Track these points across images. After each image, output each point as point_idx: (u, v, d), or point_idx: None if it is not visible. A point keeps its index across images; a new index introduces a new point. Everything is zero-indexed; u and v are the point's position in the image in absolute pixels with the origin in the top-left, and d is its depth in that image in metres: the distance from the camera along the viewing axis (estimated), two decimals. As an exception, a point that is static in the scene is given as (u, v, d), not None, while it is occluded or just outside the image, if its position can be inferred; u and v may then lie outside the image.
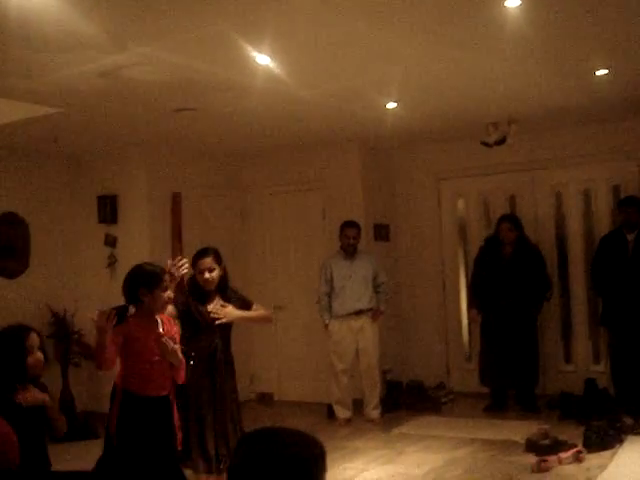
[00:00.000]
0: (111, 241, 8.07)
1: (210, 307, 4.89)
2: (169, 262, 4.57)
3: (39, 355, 3.76)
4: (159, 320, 4.34)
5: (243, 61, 4.87)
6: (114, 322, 4.05)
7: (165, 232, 8.02)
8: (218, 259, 5.02)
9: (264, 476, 1.73)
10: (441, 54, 5.01)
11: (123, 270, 7.86)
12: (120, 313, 4.19)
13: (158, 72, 5.08)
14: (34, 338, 3.76)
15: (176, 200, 8.13)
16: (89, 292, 8.07)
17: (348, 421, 7.43)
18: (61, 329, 7.71)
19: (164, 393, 4.31)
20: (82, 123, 6.61)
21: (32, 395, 3.63)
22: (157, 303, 4.27)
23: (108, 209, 8.05)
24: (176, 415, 4.41)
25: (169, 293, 4.36)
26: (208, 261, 4.94)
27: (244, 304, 5.10)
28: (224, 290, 5.02)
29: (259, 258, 8.95)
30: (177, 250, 8.08)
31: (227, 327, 4.99)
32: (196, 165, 8.37)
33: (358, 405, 7.54)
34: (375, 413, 7.46)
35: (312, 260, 8.34)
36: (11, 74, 5.01)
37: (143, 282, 4.26)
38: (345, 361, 7.47)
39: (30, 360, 3.68)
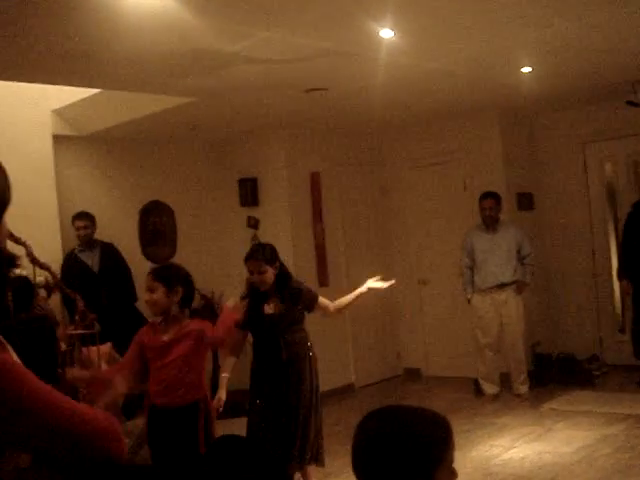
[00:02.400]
0: (253, 223, 8.24)
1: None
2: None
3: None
4: None
5: (367, 37, 4.81)
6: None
7: (306, 212, 8.11)
8: (269, 259, 4.76)
9: (386, 454, 1.74)
10: (576, 12, 4.74)
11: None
12: None
13: (285, 54, 5.10)
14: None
15: (315, 179, 8.18)
16: (235, 274, 8.28)
17: (495, 396, 7.28)
18: (210, 311, 7.94)
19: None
20: (218, 110, 6.76)
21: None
22: None
23: (249, 192, 8.22)
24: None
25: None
26: (255, 263, 4.74)
27: (307, 300, 4.85)
28: (282, 289, 4.79)
29: (401, 233, 8.89)
30: (319, 229, 8.16)
31: (293, 325, 4.80)
32: (334, 143, 8.39)
33: (506, 380, 7.37)
34: (523, 388, 7.26)
35: (455, 233, 8.19)
36: (146, 69, 5.18)
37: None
38: (489, 335, 7.31)
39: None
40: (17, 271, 5.78)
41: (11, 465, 1.47)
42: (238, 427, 4.72)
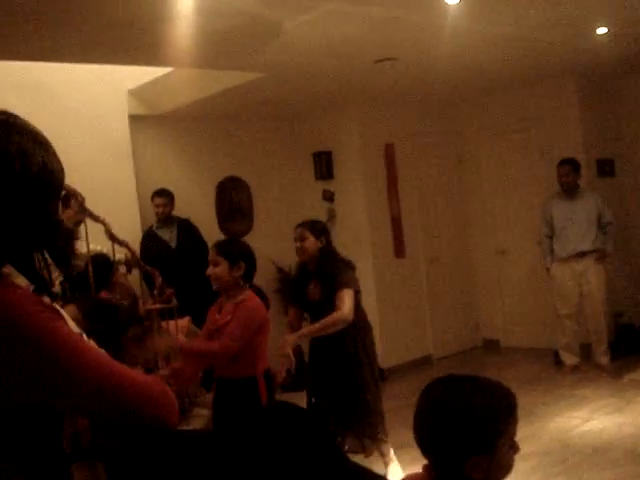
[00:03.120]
0: (329, 196, 8.27)
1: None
2: None
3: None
4: None
5: (433, 3, 4.74)
6: None
7: (381, 184, 8.08)
8: (314, 229, 4.75)
9: (447, 422, 1.77)
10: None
11: (343, 224, 8.14)
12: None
13: (350, 25, 5.07)
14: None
15: (389, 151, 8.14)
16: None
17: (575, 367, 7.15)
18: (286, 284, 8.02)
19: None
20: (288, 85, 6.77)
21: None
22: None
23: (324, 165, 8.23)
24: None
25: None
26: (299, 230, 4.77)
27: (337, 284, 4.64)
28: (322, 269, 4.69)
29: (478, 203, 8.77)
30: (394, 201, 8.12)
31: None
32: (407, 114, 8.31)
33: (586, 351, 7.23)
34: (604, 359, 7.09)
35: (533, 201, 8.04)
36: (214, 44, 5.23)
37: None
38: (569, 305, 7.17)
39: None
40: (97, 248, 5.98)
41: (70, 428, 1.52)
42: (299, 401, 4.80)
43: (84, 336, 1.53)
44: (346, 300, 4.51)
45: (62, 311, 1.56)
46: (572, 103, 7.81)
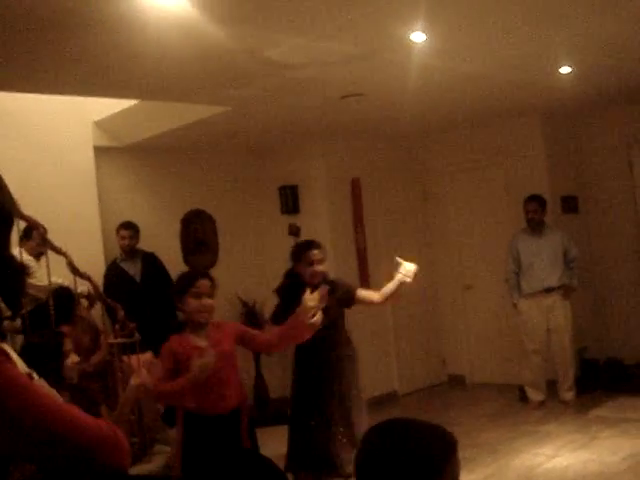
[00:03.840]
0: (295, 231, 8.23)
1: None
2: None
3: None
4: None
5: (398, 41, 4.76)
6: None
7: (347, 218, 8.09)
8: (325, 252, 4.90)
9: (384, 468, 1.73)
10: (614, 9, 4.63)
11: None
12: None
13: (316, 61, 5.09)
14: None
15: (355, 185, 8.15)
16: (277, 280, 8.28)
17: (541, 403, 7.14)
18: (252, 318, 7.96)
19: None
20: (254, 119, 6.77)
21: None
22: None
23: (289, 199, 8.22)
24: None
25: None
26: (318, 253, 4.82)
27: (343, 294, 4.84)
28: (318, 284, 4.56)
29: (443, 238, 8.80)
30: (360, 235, 8.13)
31: (335, 320, 4.75)
32: (373, 149, 8.35)
33: (552, 386, 7.22)
34: (569, 395, 7.10)
35: (498, 237, 8.07)
36: (182, 78, 5.22)
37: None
38: (536, 341, 7.18)
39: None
40: (59, 281, 5.89)
41: (17, 475, 1.47)
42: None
43: (34, 377, 1.48)
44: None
45: (10, 351, 1.50)
46: (537, 140, 7.90)
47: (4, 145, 6.26)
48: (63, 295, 5.68)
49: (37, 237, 5.79)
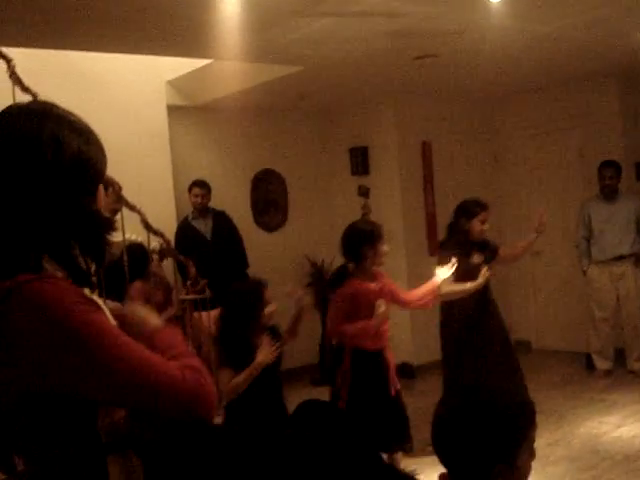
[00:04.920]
0: (364, 192, 8.25)
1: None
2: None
3: (273, 307, 4.09)
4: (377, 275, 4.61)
5: (475, 1, 4.70)
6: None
7: (416, 181, 8.05)
8: None
9: (468, 431, 1.76)
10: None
11: (377, 220, 8.11)
12: (341, 273, 4.53)
13: (391, 21, 5.05)
14: (269, 293, 4.11)
15: (426, 149, 8.10)
16: (344, 242, 8.34)
17: (608, 372, 7.06)
18: (319, 278, 8.03)
19: (383, 346, 4.56)
20: (326, 79, 6.76)
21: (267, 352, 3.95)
22: (379, 258, 4.47)
23: (360, 161, 8.21)
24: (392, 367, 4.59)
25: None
26: (488, 214, 5.29)
27: (492, 250, 5.46)
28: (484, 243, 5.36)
29: (514, 203, 8.70)
30: (429, 198, 8.09)
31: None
32: (445, 111, 8.26)
33: (619, 355, 7.14)
34: (637, 364, 7.00)
35: (570, 203, 7.94)
36: (254, 36, 5.24)
37: (366, 239, 4.44)
38: (605, 309, 7.09)
39: (266, 311, 4.06)
40: (133, 237, 6.02)
41: (107, 419, 1.53)
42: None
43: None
44: None
45: (100, 302, 1.57)
46: (613, 105, 7.70)
47: (79, 105, 6.24)
48: (137, 251, 5.78)
49: (112, 194, 5.91)
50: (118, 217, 5.41)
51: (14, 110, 1.54)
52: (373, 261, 4.49)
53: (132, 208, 5.29)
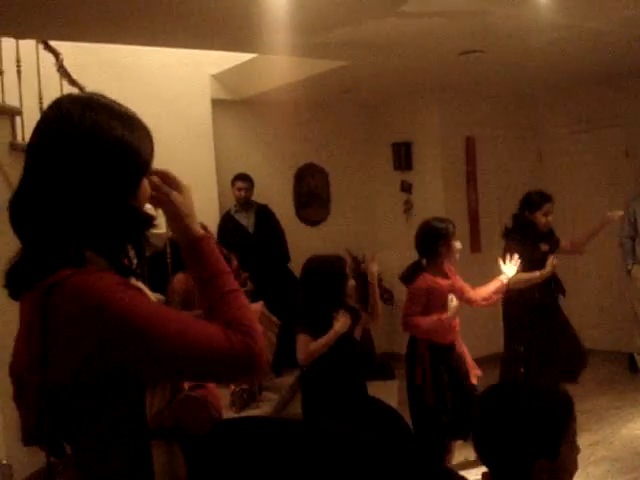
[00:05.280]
0: (407, 187, 8.23)
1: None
2: None
3: (353, 282, 4.29)
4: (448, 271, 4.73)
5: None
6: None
7: (459, 177, 8.01)
8: None
9: (509, 429, 1.76)
10: None
11: (419, 215, 8.09)
12: (415, 268, 4.64)
13: (437, 16, 5.02)
14: (349, 266, 4.40)
15: (470, 145, 8.06)
16: (386, 237, 8.36)
17: (653, 372, 6.98)
18: (361, 273, 8.02)
19: (455, 339, 4.68)
20: (371, 74, 6.75)
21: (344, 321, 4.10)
22: (453, 254, 4.60)
23: (403, 156, 8.20)
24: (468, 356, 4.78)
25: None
26: (553, 206, 5.46)
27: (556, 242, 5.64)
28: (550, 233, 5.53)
29: (558, 201, 8.48)
30: (472, 195, 8.05)
31: None
32: (489, 108, 8.20)
33: (664, 357, 7.05)
34: (681, 366, 6.93)
35: (615, 201, 7.83)
36: (299, 31, 5.25)
37: (440, 235, 4.60)
38: (649, 309, 7.00)
39: (349, 285, 4.23)
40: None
41: (153, 406, 1.55)
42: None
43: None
44: None
45: (144, 288, 1.60)
46: (660, 102, 7.58)
47: (124, 98, 6.32)
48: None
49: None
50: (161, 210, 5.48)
51: (63, 99, 1.57)
52: (446, 257, 4.63)
53: (176, 200, 5.34)
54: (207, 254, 1.61)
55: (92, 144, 1.48)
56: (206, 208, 6.70)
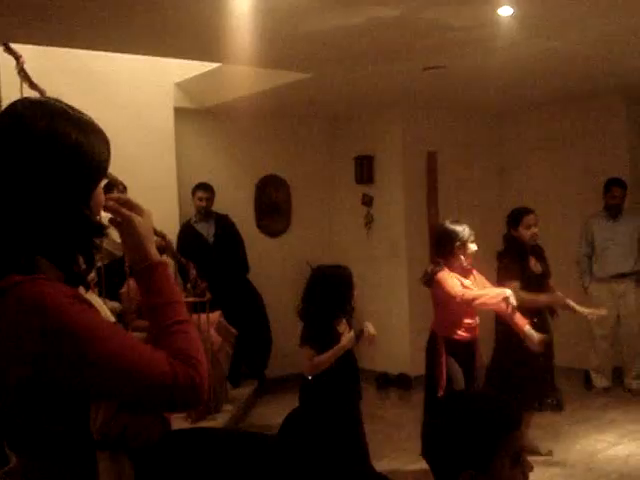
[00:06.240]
0: (368, 201, 8.25)
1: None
2: None
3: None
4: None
5: (485, 14, 4.70)
6: None
7: (421, 192, 8.04)
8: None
9: (439, 437, 1.80)
10: None
11: (380, 229, 8.13)
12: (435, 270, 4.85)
13: (400, 31, 5.05)
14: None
15: (431, 159, 8.10)
16: (347, 249, 8.36)
17: (606, 390, 7.06)
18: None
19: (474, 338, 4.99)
20: (334, 87, 6.76)
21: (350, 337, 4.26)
22: (469, 256, 4.86)
23: (365, 169, 8.21)
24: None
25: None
26: (534, 217, 5.41)
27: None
28: (537, 250, 5.53)
29: (517, 217, 8.66)
30: (433, 209, 8.08)
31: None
32: (452, 123, 8.26)
33: (618, 373, 7.14)
34: (635, 383, 7.00)
35: (573, 219, 7.93)
36: (263, 41, 5.24)
37: (456, 237, 4.81)
38: (605, 326, 7.06)
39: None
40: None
41: (99, 417, 1.53)
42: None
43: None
44: None
45: (95, 301, 1.57)
46: (619, 122, 7.69)
47: (86, 104, 6.14)
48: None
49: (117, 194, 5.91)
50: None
51: (17, 103, 1.54)
52: (463, 259, 4.85)
53: (135, 208, 5.29)
54: (161, 281, 1.58)
55: (45, 148, 1.46)
56: (166, 217, 6.64)
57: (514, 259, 5.28)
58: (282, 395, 6.49)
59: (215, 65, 6.50)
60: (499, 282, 5.23)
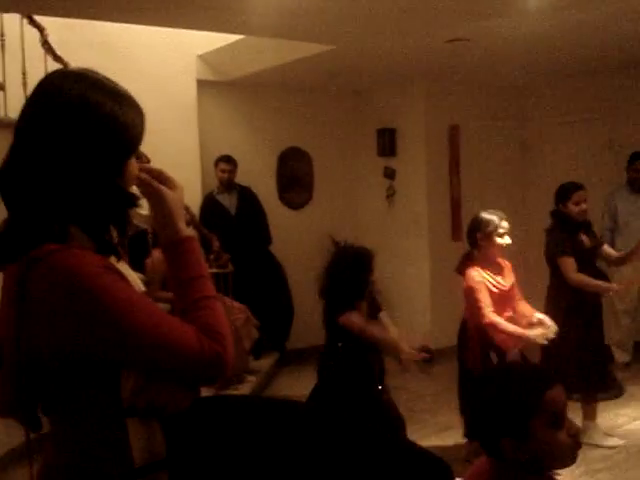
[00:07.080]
0: (390, 173, 8.23)
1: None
2: None
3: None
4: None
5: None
6: None
7: (443, 165, 8.03)
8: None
9: (478, 408, 1.84)
10: None
11: (401, 202, 8.12)
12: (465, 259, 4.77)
13: (423, 2, 5.02)
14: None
15: (454, 133, 8.07)
16: (368, 222, 8.38)
17: (626, 365, 7.02)
18: (341, 258, 8.03)
19: None
20: (357, 59, 6.74)
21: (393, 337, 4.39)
22: (495, 249, 4.68)
23: (387, 142, 8.19)
24: None
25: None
26: (583, 193, 5.24)
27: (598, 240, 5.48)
28: (587, 225, 5.35)
29: (540, 191, 8.63)
30: (455, 183, 8.07)
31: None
32: (475, 96, 8.21)
33: (639, 348, 7.12)
34: (657, 358, 7.00)
35: (596, 192, 7.86)
36: (287, 12, 5.23)
37: (479, 228, 4.67)
38: (627, 301, 7.05)
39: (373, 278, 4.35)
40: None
41: (129, 384, 1.55)
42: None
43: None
44: None
45: (125, 271, 1.60)
46: (645, 95, 7.61)
47: (108, 76, 6.34)
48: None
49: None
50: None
51: (54, 74, 1.57)
52: (489, 251, 4.68)
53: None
54: (190, 255, 1.59)
55: (80, 118, 1.48)
56: (188, 189, 6.59)
57: (564, 234, 5.20)
58: (303, 367, 6.54)
59: (238, 37, 6.49)
60: (548, 257, 5.24)
